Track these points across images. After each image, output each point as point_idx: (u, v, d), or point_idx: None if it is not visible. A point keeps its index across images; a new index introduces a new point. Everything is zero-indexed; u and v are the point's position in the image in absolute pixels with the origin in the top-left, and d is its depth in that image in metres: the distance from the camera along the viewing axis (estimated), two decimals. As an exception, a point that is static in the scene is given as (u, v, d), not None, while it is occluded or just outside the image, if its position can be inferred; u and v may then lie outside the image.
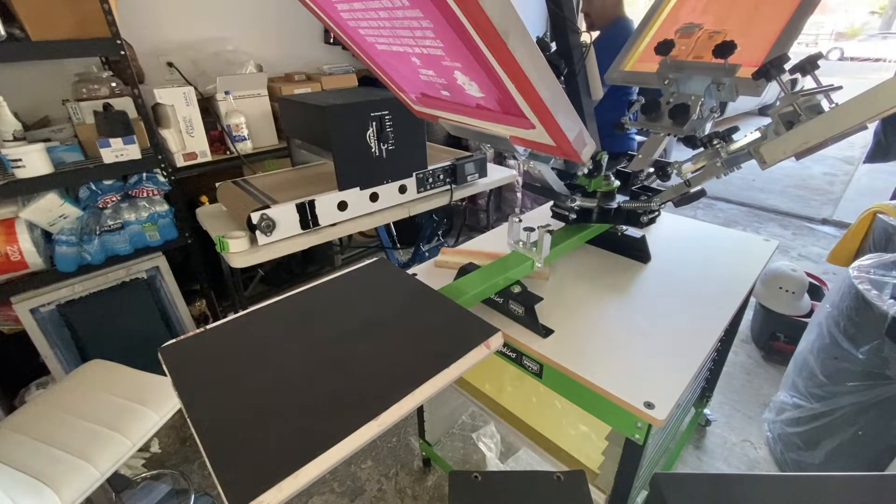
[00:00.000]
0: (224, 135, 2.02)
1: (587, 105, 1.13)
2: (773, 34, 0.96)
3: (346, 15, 0.84)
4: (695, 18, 1.12)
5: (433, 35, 0.69)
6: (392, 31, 0.78)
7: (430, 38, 0.70)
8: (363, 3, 0.74)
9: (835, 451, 1.39)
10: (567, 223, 1.22)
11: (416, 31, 0.71)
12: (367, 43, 0.91)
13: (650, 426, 0.78)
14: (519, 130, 0.82)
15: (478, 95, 0.80)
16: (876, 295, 1.27)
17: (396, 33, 0.77)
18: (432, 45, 0.72)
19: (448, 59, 0.73)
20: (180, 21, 2.18)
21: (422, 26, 0.68)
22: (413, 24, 0.70)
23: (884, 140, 2.28)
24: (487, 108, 0.82)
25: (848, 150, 5.12)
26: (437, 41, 0.70)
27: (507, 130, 0.85)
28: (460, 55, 0.69)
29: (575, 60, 1.05)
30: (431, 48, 0.74)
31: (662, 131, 1.09)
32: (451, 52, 0.70)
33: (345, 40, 0.98)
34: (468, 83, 0.78)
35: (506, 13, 0.57)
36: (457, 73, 0.77)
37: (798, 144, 0.81)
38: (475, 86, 0.77)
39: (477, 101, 0.83)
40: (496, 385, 1.27)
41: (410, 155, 1.73)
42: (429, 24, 0.66)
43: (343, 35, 0.95)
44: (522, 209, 3.29)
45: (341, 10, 0.82)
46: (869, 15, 17.97)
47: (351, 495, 1.54)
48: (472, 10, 0.56)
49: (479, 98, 0.81)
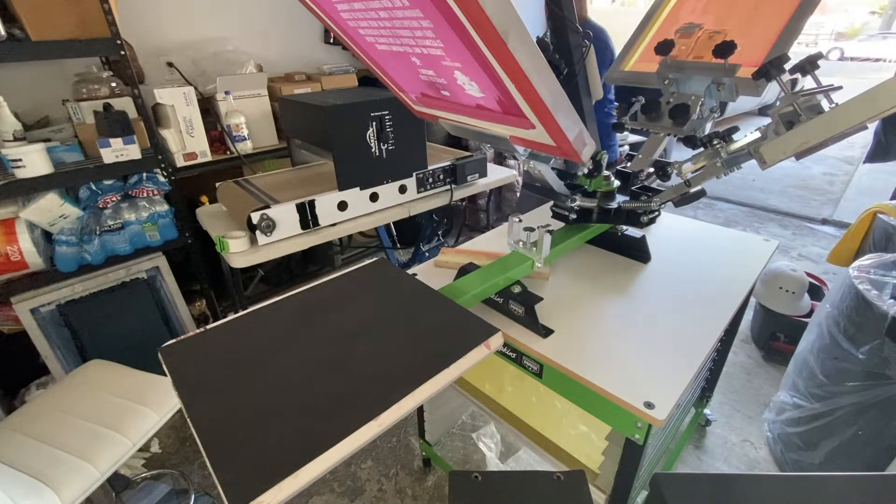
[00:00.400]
0: (224, 135, 2.02)
1: (587, 105, 1.13)
2: (773, 34, 0.96)
3: (346, 15, 0.84)
4: (695, 18, 1.12)
5: (433, 35, 0.69)
6: (392, 31, 0.78)
7: (430, 38, 0.70)
8: (363, 3, 0.74)
9: (835, 451, 1.39)
10: (567, 223, 1.22)
11: (416, 32, 0.71)
12: (367, 43, 0.91)
13: (650, 426, 0.78)
14: (519, 130, 0.82)
15: (478, 95, 0.80)
16: (876, 295, 1.27)
17: (396, 33, 0.77)
18: (432, 45, 0.72)
19: (448, 59, 0.73)
20: (180, 21, 2.18)
21: (422, 26, 0.68)
22: (413, 24, 0.70)
23: (884, 140, 2.28)
24: (488, 108, 0.83)
25: (848, 150, 5.12)
26: (438, 41, 0.70)
27: (507, 130, 0.85)
28: (460, 55, 0.69)
29: (575, 60, 1.05)
30: (431, 48, 0.74)
31: (662, 131, 1.09)
32: (451, 52, 0.70)
33: (345, 40, 0.98)
34: (468, 83, 0.78)
35: (506, 13, 0.57)
36: (457, 73, 0.77)
37: (798, 144, 0.81)
38: (475, 86, 0.77)
39: (477, 102, 0.83)
40: (496, 385, 1.27)
41: (410, 155, 1.73)
42: (429, 24, 0.66)
43: (343, 35, 0.95)
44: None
45: (341, 10, 0.82)
46: (869, 15, 17.97)
47: (351, 495, 1.54)
48: (473, 10, 0.56)
49: (479, 98, 0.81)
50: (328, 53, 2.80)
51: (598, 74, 1.13)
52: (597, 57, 1.06)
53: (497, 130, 0.87)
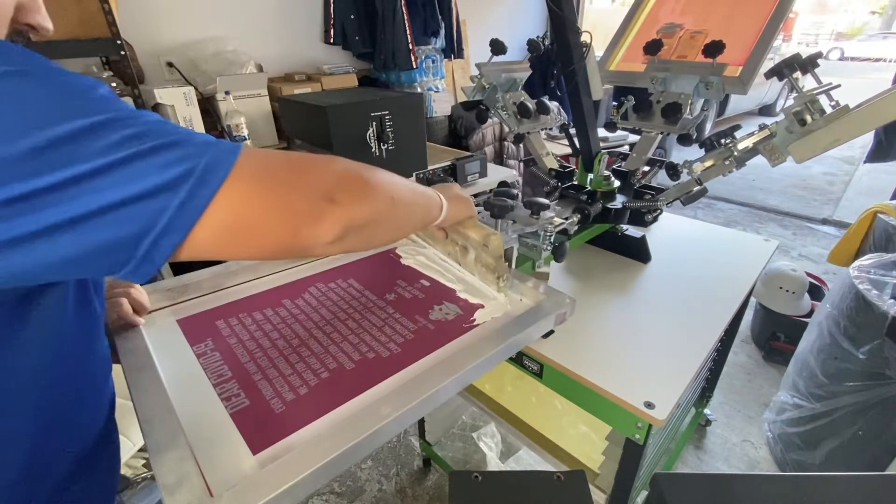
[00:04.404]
0: (224, 135, 2.02)
1: (587, 105, 1.13)
2: (753, 33, 0.98)
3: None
4: (674, 19, 1.15)
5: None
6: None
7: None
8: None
9: (835, 451, 1.39)
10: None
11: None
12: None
13: (650, 426, 0.78)
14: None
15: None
16: (876, 295, 1.27)
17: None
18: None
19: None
20: (180, 21, 2.18)
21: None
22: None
23: (884, 140, 2.28)
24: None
25: (848, 150, 5.12)
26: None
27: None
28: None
29: (575, 60, 1.05)
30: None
31: (655, 130, 1.09)
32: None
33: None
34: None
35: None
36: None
37: (830, 142, 0.81)
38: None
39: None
40: (496, 385, 1.27)
41: (410, 155, 1.73)
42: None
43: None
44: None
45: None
46: (869, 15, 17.99)
47: (351, 495, 1.54)
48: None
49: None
50: (328, 53, 2.80)
51: (599, 74, 1.13)
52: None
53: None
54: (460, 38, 3.28)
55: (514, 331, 0.67)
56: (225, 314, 0.77)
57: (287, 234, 0.42)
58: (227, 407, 0.57)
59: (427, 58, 2.99)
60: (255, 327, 0.74)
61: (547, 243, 0.91)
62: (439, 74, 3.09)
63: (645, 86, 1.09)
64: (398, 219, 0.54)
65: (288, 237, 0.42)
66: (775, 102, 6.74)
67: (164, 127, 0.37)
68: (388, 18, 2.70)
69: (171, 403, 0.54)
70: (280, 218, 0.41)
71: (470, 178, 1.97)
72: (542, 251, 0.92)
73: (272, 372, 0.64)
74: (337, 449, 0.47)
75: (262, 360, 0.66)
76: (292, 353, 0.68)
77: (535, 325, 0.70)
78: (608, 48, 1.25)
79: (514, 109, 1.15)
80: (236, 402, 0.58)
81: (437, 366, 0.60)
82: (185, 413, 0.54)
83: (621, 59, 1.22)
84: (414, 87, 2.96)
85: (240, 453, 0.51)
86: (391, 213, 0.51)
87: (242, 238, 0.40)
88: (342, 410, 0.57)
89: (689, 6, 1.15)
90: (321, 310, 0.79)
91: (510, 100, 1.15)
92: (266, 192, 0.40)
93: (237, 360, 0.66)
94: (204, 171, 0.36)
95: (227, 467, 0.49)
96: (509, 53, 1.12)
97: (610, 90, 3.52)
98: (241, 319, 0.76)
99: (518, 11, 4.14)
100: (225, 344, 0.70)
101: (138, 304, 0.72)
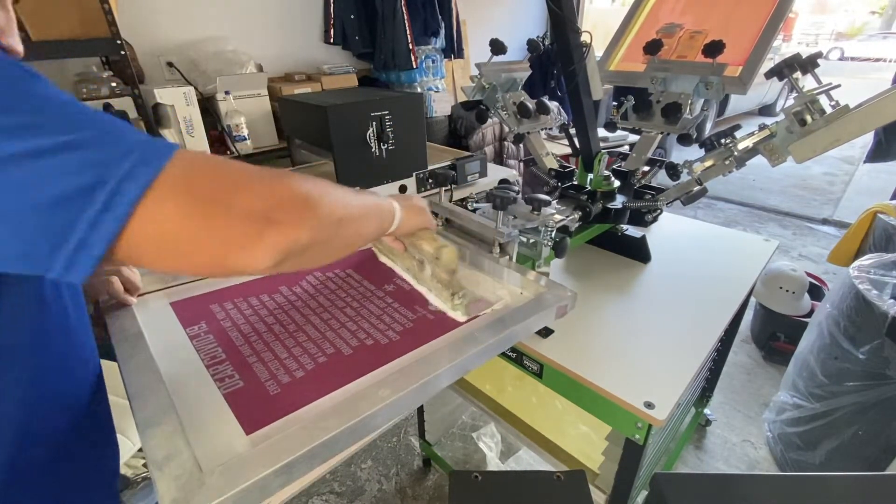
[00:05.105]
0: (224, 135, 2.02)
1: (587, 105, 1.13)
2: (753, 33, 0.98)
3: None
4: (674, 19, 1.15)
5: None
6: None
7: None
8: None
9: (835, 451, 1.39)
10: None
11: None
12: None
13: (650, 426, 0.78)
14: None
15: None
16: (876, 295, 1.27)
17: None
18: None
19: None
20: (180, 21, 2.18)
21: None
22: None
23: (884, 140, 2.28)
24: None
25: (848, 150, 5.12)
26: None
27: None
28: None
29: (575, 60, 1.05)
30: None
31: (655, 130, 1.09)
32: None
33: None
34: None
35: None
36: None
37: (830, 142, 0.81)
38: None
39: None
40: (496, 385, 1.27)
41: (411, 155, 1.72)
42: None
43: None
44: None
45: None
46: (869, 15, 17.98)
47: (351, 495, 1.54)
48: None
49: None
50: (328, 53, 2.80)
51: (599, 74, 1.13)
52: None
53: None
54: (460, 38, 3.28)
55: (514, 321, 0.66)
56: (220, 299, 0.77)
57: (217, 258, 0.38)
58: (220, 388, 0.57)
59: (427, 58, 2.99)
60: (250, 312, 0.73)
61: (548, 239, 0.91)
62: (439, 74, 3.09)
63: (645, 86, 1.09)
64: (346, 237, 0.50)
65: (218, 260, 0.38)
66: (775, 102, 6.74)
67: (91, 120, 0.34)
68: (388, 18, 2.70)
69: (163, 381, 0.53)
70: (208, 241, 0.37)
71: (470, 178, 1.97)
72: (543, 247, 0.92)
73: (268, 355, 0.63)
74: (333, 429, 0.46)
75: (258, 344, 0.65)
76: (289, 338, 0.67)
77: (535, 317, 0.69)
78: (608, 48, 1.25)
79: (514, 109, 1.15)
80: (230, 384, 0.57)
81: (437, 353, 0.59)
82: (177, 392, 0.53)
83: (621, 59, 1.22)
84: (414, 87, 2.96)
85: (233, 432, 0.50)
86: (337, 234, 0.47)
87: (171, 255, 0.37)
88: (339, 393, 0.56)
89: (689, 6, 1.15)
90: (319, 297, 0.78)
91: (510, 100, 1.15)
92: (194, 209, 0.36)
93: (232, 342, 0.65)
94: (124, 178, 0.33)
95: (219, 445, 0.48)
96: (509, 53, 1.12)
97: (610, 90, 3.51)
98: (236, 304, 0.75)
99: (518, 11, 4.14)
100: (219, 326, 0.69)
101: (130, 284, 0.70)
